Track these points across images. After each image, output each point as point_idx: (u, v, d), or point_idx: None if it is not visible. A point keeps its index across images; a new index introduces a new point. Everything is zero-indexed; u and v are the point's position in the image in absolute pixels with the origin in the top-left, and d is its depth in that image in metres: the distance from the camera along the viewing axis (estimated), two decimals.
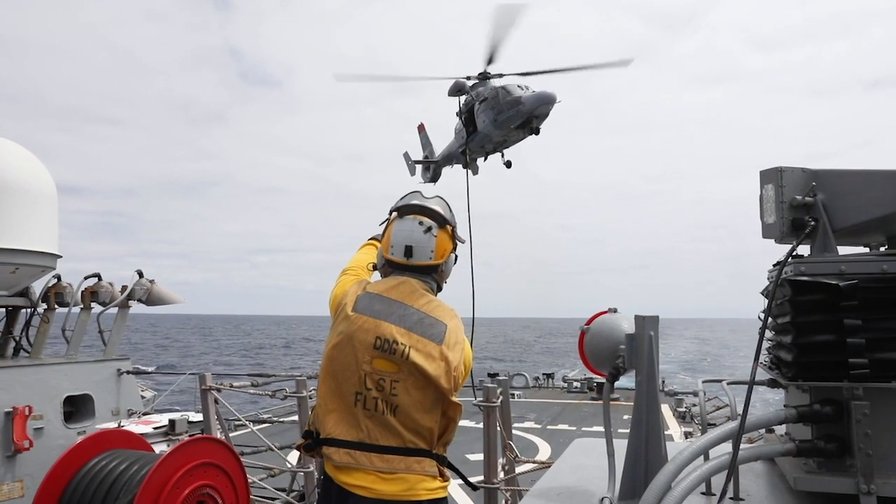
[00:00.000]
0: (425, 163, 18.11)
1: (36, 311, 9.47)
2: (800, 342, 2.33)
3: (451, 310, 3.01)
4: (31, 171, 8.67)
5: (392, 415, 2.77)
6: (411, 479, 2.74)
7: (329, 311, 3.04)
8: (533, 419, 17.16)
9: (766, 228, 2.62)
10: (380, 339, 2.80)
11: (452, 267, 3.21)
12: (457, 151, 15.92)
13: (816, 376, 2.31)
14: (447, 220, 3.10)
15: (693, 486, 2.05)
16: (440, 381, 2.77)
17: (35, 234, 8.52)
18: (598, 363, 2.63)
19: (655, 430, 2.30)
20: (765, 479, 2.73)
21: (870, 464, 2.16)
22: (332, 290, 3.13)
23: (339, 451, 2.77)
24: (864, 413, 2.19)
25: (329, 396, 2.86)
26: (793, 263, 2.38)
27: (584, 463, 2.95)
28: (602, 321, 2.64)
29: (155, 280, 10.36)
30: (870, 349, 2.22)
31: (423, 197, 3.17)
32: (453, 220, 3.17)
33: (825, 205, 2.47)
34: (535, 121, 13.24)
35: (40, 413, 7.96)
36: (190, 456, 4.63)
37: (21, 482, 7.64)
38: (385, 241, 3.11)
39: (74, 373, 8.80)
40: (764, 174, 2.57)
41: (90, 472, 4.69)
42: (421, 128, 18.92)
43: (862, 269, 2.30)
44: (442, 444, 2.92)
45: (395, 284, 2.98)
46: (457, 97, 14.59)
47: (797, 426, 2.49)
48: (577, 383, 24.58)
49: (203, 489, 4.69)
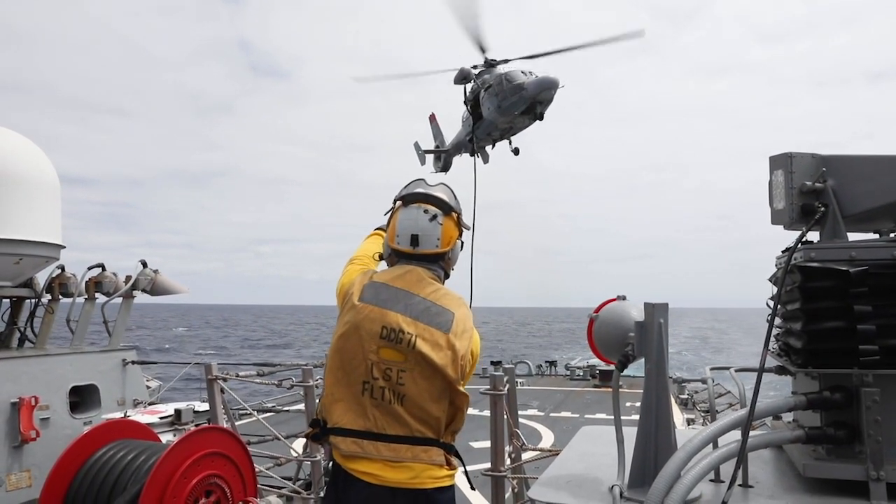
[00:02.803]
0: (436, 152, 18.09)
1: (40, 302, 9.48)
2: (809, 329, 2.32)
3: (458, 298, 2.99)
4: (34, 162, 8.66)
5: (399, 404, 2.77)
6: (417, 467, 2.75)
7: (336, 301, 3.03)
8: (536, 407, 17.21)
9: (775, 214, 2.60)
10: (386, 329, 2.80)
11: (459, 254, 3.19)
12: (465, 140, 15.92)
13: (826, 363, 2.31)
14: (452, 208, 3.08)
15: (703, 473, 2.05)
16: (447, 371, 2.77)
17: (38, 224, 8.51)
18: (607, 351, 2.62)
19: (665, 419, 2.29)
20: (773, 465, 2.72)
21: (879, 450, 2.16)
22: (338, 280, 3.12)
23: (347, 440, 2.78)
24: (874, 400, 2.19)
25: (336, 386, 2.86)
26: (802, 249, 2.37)
27: (592, 451, 2.95)
28: (611, 309, 2.62)
29: (159, 270, 10.37)
30: (880, 336, 2.22)
31: (428, 185, 3.15)
32: (458, 206, 3.14)
33: (835, 191, 2.46)
34: (538, 106, 13.21)
35: (46, 403, 7.98)
36: (197, 445, 4.65)
37: (28, 472, 7.69)
38: (390, 231, 3.09)
39: (80, 363, 8.82)
40: (774, 160, 2.55)
41: (98, 462, 4.72)
42: (432, 118, 18.83)
43: (872, 255, 2.29)
44: (450, 433, 2.92)
45: (402, 273, 2.96)
46: (462, 85, 14.58)
47: (805, 413, 2.49)
48: (580, 371, 24.66)
49: (210, 478, 4.71)
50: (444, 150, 17.71)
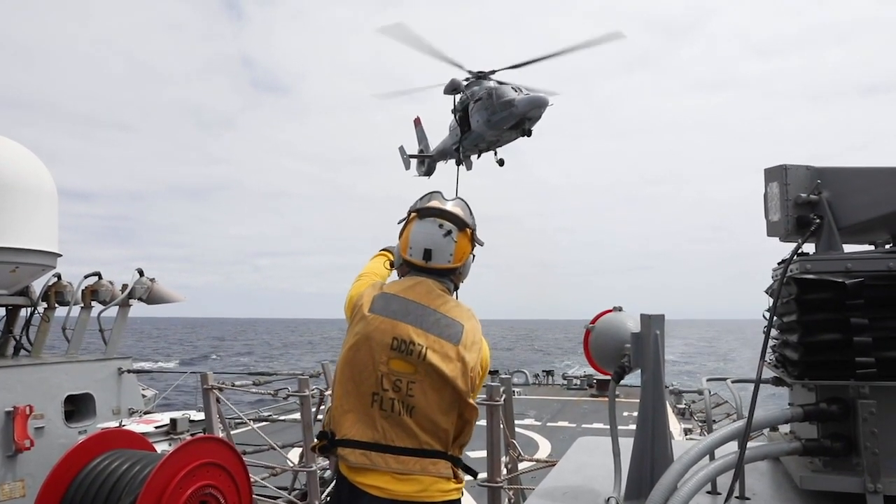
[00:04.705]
0: (420, 157, 18.22)
1: (36, 310, 9.44)
2: (806, 341, 2.32)
3: (468, 310, 2.99)
4: (31, 170, 8.64)
5: (408, 415, 2.75)
6: (425, 480, 2.73)
7: (344, 314, 3.02)
8: (533, 416, 17.16)
9: (770, 226, 2.61)
10: (396, 340, 2.79)
11: (470, 268, 3.19)
12: (451, 148, 16.13)
13: (823, 375, 2.30)
14: (467, 224, 3.07)
15: (699, 485, 2.04)
16: (457, 383, 2.76)
17: (35, 232, 8.49)
18: (603, 362, 2.62)
19: (661, 430, 2.29)
20: (770, 477, 2.72)
21: (876, 462, 2.15)
22: (347, 293, 3.11)
23: (355, 451, 2.76)
24: (871, 412, 2.18)
25: (345, 397, 2.84)
26: (798, 261, 2.37)
27: (589, 462, 2.95)
28: (607, 320, 2.63)
29: (155, 279, 10.35)
30: (876, 347, 2.21)
31: (443, 198, 3.14)
32: (473, 222, 3.13)
33: (830, 202, 2.46)
34: (527, 122, 13.55)
35: (41, 412, 7.93)
36: (192, 456, 4.62)
37: (22, 482, 7.63)
38: (403, 242, 3.08)
39: (75, 372, 8.78)
40: (769, 172, 2.56)
41: (92, 472, 4.68)
42: (417, 121, 18.96)
43: (868, 266, 2.29)
44: (458, 446, 2.90)
45: (412, 285, 2.96)
46: (452, 95, 14.84)
47: (802, 425, 2.48)
48: (578, 380, 24.61)
49: (206, 489, 4.68)
50: (428, 155, 17.89)
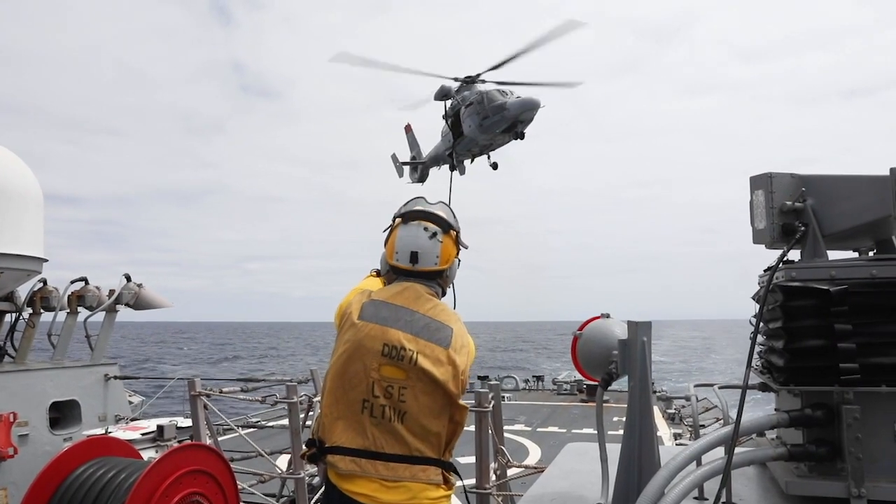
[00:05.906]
0: (413, 164, 18.23)
1: (21, 316, 9.35)
2: (791, 347, 2.34)
3: (454, 313, 3.00)
4: (17, 175, 8.57)
5: (400, 422, 2.75)
6: (415, 487, 2.73)
7: (334, 322, 3.02)
8: (523, 421, 17.17)
9: (756, 234, 2.63)
10: (387, 346, 2.79)
11: (456, 271, 3.20)
12: (444, 153, 16.16)
13: (808, 381, 2.32)
14: (451, 226, 3.09)
15: (686, 491, 2.05)
16: (448, 386, 2.76)
17: (20, 237, 8.41)
18: (591, 369, 2.62)
19: (648, 436, 2.30)
20: (756, 482, 2.73)
21: (860, 467, 2.17)
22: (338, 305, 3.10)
23: (345, 458, 2.75)
24: (855, 417, 2.20)
25: (335, 405, 2.84)
26: (783, 269, 2.39)
27: (577, 468, 2.95)
28: (595, 327, 2.63)
29: (143, 284, 10.27)
30: (860, 354, 2.24)
31: (427, 202, 3.15)
32: (457, 225, 3.15)
33: (815, 210, 2.49)
34: (519, 125, 13.58)
35: (25, 419, 7.85)
36: (179, 463, 4.58)
37: (5, 490, 7.53)
38: (389, 247, 3.09)
39: (60, 378, 8.70)
40: (754, 180, 2.59)
41: (77, 480, 4.63)
42: (408, 128, 18.96)
43: (852, 273, 2.32)
44: (449, 450, 2.90)
45: (400, 290, 2.96)
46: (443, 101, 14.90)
47: (788, 430, 2.50)
48: (567, 385, 24.64)
49: (192, 497, 4.64)
50: (421, 161, 17.91)
